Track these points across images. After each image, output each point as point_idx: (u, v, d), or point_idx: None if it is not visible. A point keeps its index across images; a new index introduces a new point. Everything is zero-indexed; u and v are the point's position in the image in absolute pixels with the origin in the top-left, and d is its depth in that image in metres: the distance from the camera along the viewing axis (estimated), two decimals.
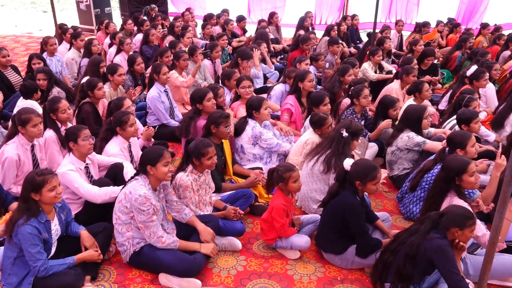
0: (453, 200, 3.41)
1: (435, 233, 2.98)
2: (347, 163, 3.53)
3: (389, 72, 7.41)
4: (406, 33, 10.92)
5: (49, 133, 4.50)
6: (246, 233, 4.03)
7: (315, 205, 4.19)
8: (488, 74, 6.16)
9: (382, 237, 3.73)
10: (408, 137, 4.73)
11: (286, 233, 3.71)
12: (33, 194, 3.16)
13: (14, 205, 3.71)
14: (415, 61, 6.96)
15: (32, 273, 3.19)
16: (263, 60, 7.95)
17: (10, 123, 5.13)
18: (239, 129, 4.83)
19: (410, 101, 5.71)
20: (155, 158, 3.37)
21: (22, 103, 5.27)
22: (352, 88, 5.43)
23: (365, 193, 3.69)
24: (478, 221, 3.42)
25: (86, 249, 3.42)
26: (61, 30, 8.61)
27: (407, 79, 6.19)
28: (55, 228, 3.36)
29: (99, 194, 3.76)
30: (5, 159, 4.08)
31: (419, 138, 4.72)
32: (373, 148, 5.15)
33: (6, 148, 4.13)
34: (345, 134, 4.10)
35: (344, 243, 3.59)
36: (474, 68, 6.14)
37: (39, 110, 4.85)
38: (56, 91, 5.92)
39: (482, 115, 6.16)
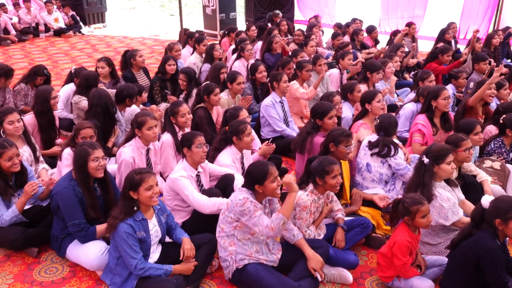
0: None
1: None
2: (486, 199, 3.28)
3: None
4: None
5: (166, 137, 4.85)
6: (358, 266, 3.93)
7: (434, 248, 3.97)
8: None
9: None
10: None
11: (407, 274, 3.54)
12: (131, 192, 3.43)
13: None
14: None
15: (134, 276, 3.44)
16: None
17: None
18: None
19: None
20: (262, 177, 3.45)
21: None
22: (505, 116, 5.01)
23: (506, 237, 3.39)
24: None
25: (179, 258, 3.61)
26: (186, 34, 9.25)
27: None
28: (154, 229, 3.59)
29: (208, 204, 3.94)
30: (121, 161, 4.48)
31: None
32: None
33: (123, 150, 4.53)
34: (426, 160, 3.85)
35: None
36: None
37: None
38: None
39: None
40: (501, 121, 5.05)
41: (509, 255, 3.54)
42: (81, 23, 14.10)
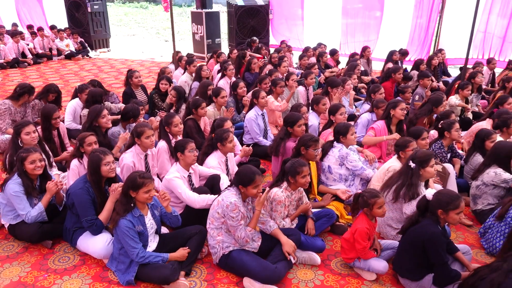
0: None
1: None
2: (430, 192, 3.33)
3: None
4: (498, 70, 10.12)
5: (162, 144, 4.81)
6: (325, 250, 3.94)
7: (393, 231, 4.00)
8: None
9: (462, 269, 3.44)
10: (495, 173, 4.34)
11: (366, 256, 3.57)
12: (131, 191, 3.40)
13: None
14: (510, 99, 6.39)
15: (135, 263, 3.41)
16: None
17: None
18: (325, 151, 4.79)
19: (497, 136, 5.25)
20: (248, 181, 3.44)
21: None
22: (443, 121, 5.11)
23: (446, 223, 3.44)
24: None
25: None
26: (178, 57, 9.23)
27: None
28: (150, 222, 3.56)
29: (198, 200, 3.92)
30: (123, 165, 4.43)
31: (506, 175, 4.31)
32: (451, 177, 4.78)
33: (125, 156, 4.49)
34: (412, 165, 3.89)
35: (422, 271, 3.36)
36: None
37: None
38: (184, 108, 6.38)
39: None
40: (440, 126, 5.14)
41: (449, 238, 3.59)
42: (88, 48, 13.97)
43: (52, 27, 13.85)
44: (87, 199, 3.65)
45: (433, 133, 5.39)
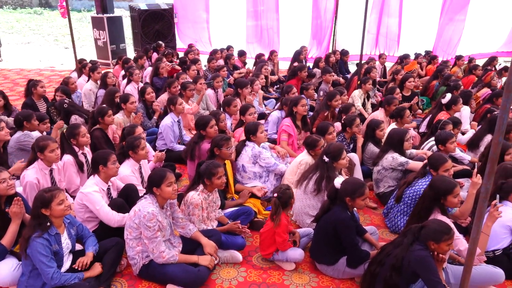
0: (437, 217, 3.38)
1: (417, 245, 2.94)
2: (337, 181, 3.52)
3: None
4: (389, 65, 11.07)
5: (67, 157, 4.49)
6: (246, 247, 3.99)
7: (309, 219, 4.16)
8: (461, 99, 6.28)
9: (371, 249, 3.69)
10: (392, 158, 4.73)
11: (284, 247, 3.68)
12: (43, 210, 3.14)
13: None
14: (398, 90, 7.01)
15: (47, 286, 3.14)
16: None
17: None
18: (238, 151, 4.85)
19: (393, 125, 5.73)
20: (159, 180, 3.35)
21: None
22: (345, 118, 5.43)
23: (354, 208, 3.67)
24: (460, 236, 3.40)
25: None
26: (81, 64, 8.71)
27: (389, 108, 6.23)
28: (66, 241, 3.32)
29: (118, 219, 3.70)
30: (26, 183, 4.04)
31: (402, 159, 4.72)
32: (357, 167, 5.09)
33: (27, 173, 4.09)
34: (326, 159, 4.10)
35: (336, 255, 3.55)
36: (449, 95, 6.21)
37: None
38: (74, 118, 6.00)
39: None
40: (342, 121, 5.46)
41: (358, 221, 3.84)
42: None
43: None
44: None
45: (337, 125, 5.71)
